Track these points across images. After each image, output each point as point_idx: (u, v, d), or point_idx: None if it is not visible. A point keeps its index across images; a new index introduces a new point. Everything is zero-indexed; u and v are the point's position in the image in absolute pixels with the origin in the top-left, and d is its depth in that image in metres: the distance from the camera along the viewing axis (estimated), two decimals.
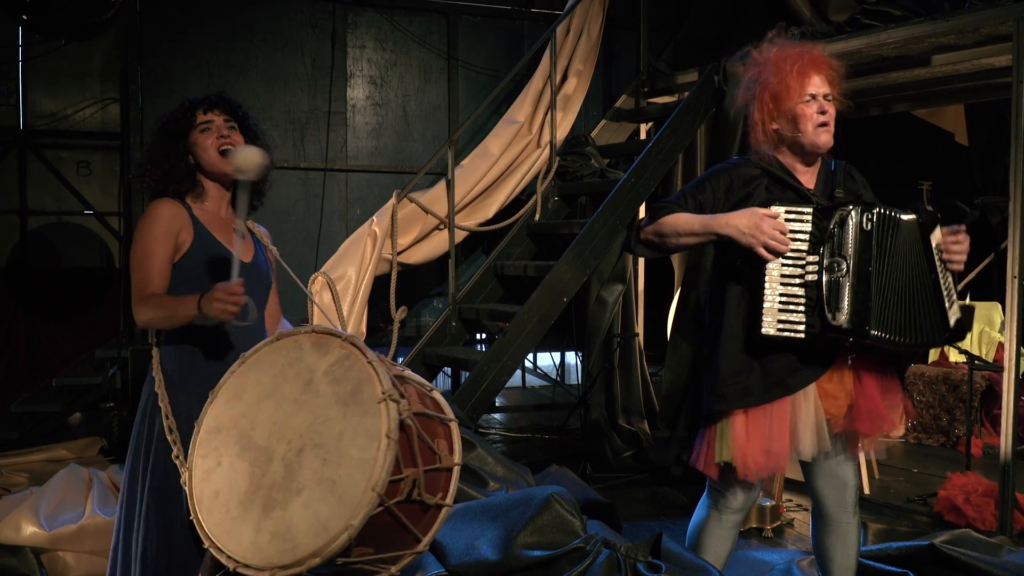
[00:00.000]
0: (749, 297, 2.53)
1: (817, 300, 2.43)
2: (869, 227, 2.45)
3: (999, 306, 6.22)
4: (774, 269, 2.47)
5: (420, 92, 6.37)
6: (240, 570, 1.85)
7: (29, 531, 3.52)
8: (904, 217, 2.50)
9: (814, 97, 2.56)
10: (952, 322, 2.52)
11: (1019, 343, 4.07)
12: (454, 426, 2.08)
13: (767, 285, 2.46)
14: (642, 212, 6.13)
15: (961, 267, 2.53)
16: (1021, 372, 4.14)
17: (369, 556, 1.90)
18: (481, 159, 5.89)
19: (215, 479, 1.97)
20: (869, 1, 4.96)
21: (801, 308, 2.45)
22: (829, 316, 2.42)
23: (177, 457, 2.23)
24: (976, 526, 4.04)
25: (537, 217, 5.99)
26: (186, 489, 2.03)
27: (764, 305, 2.46)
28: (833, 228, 2.45)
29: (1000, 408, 4.15)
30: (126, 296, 5.60)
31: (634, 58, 6.53)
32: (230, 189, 2.49)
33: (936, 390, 5.88)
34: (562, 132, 6.12)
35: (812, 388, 2.55)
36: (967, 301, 6.39)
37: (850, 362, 2.57)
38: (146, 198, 2.60)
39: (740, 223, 2.46)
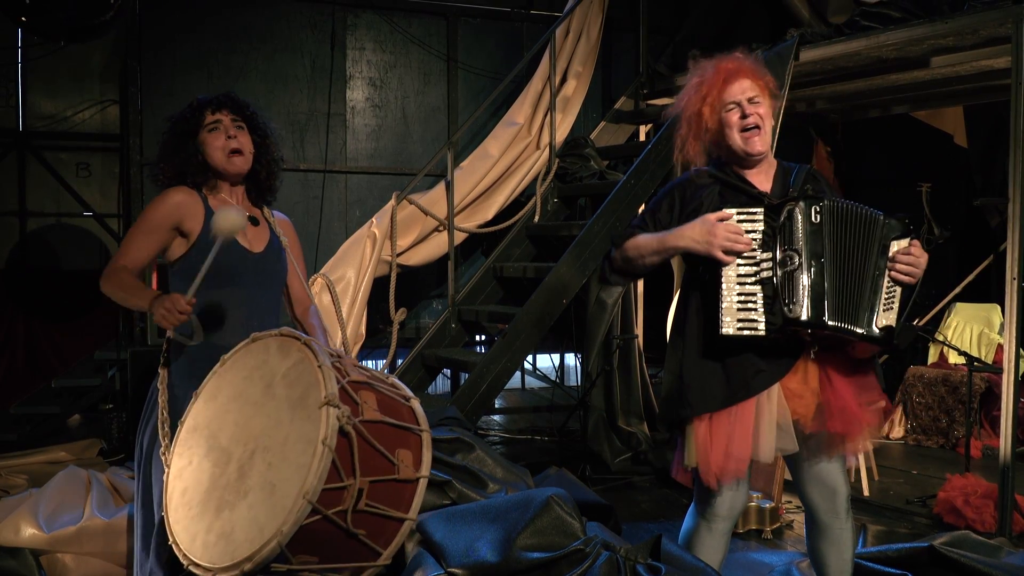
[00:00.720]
0: (708, 301, 2.54)
1: (774, 295, 2.44)
2: (818, 219, 2.46)
3: (998, 308, 6.23)
4: (730, 271, 2.48)
5: (419, 94, 6.37)
6: (191, 568, 1.86)
7: (28, 533, 3.52)
8: (865, 212, 2.50)
9: (736, 104, 2.57)
10: (880, 324, 2.48)
11: (1018, 345, 4.07)
12: (426, 436, 2.04)
13: (724, 287, 2.47)
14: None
15: (909, 280, 2.50)
16: (1020, 374, 4.14)
17: (314, 565, 1.88)
18: (480, 161, 5.89)
19: (185, 477, 1.99)
20: (868, 3, 4.96)
21: (759, 305, 2.45)
22: (786, 310, 2.42)
23: (164, 452, 2.25)
24: (975, 528, 4.03)
25: (536, 219, 5.99)
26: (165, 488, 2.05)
27: (723, 306, 2.47)
28: (783, 222, 2.46)
29: (999, 410, 4.15)
30: None
31: (633, 60, 6.53)
32: (242, 183, 2.53)
33: (935, 392, 5.88)
34: (561, 134, 6.12)
35: (776, 389, 2.54)
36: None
37: (813, 356, 2.55)
38: (146, 201, 2.63)
39: (693, 234, 2.49)
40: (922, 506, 4.52)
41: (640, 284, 6.24)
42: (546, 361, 8.62)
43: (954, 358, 6.12)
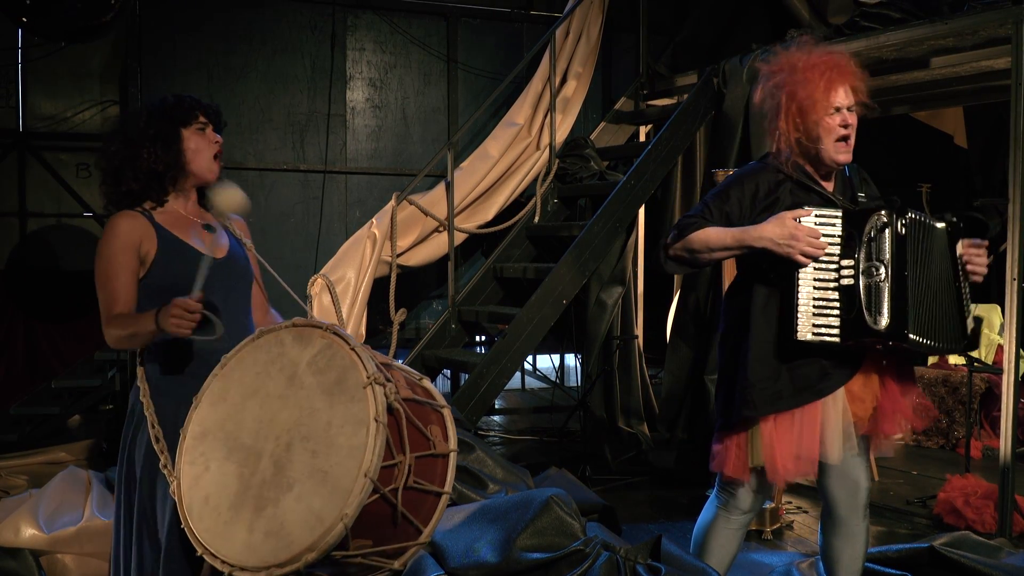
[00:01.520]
0: (781, 302, 2.52)
1: (855, 304, 2.43)
2: (904, 232, 2.46)
3: (998, 308, 6.23)
4: (807, 273, 2.46)
5: (419, 94, 6.37)
6: (235, 574, 1.81)
7: (28, 533, 3.52)
8: (936, 225, 2.52)
9: (839, 110, 2.52)
10: (968, 330, 2.54)
11: (1018, 345, 4.07)
12: (447, 412, 2.04)
13: (800, 290, 2.46)
14: (642, 214, 6.15)
15: (981, 279, 2.55)
16: (1020, 374, 4.14)
17: (368, 549, 1.86)
18: (480, 161, 5.89)
19: (204, 484, 1.94)
20: (868, 4, 4.96)
21: (836, 312, 2.45)
22: (870, 320, 2.42)
23: (165, 466, 2.17)
24: (976, 528, 4.03)
25: (536, 219, 6.00)
26: (174, 497, 1.99)
27: (799, 309, 2.45)
28: (869, 232, 2.45)
29: (999, 410, 4.15)
30: None
31: (633, 60, 6.53)
32: (199, 187, 2.40)
33: (935, 392, 5.88)
34: (561, 134, 6.13)
35: (840, 392, 2.56)
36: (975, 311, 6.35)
37: (885, 364, 2.57)
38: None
39: (774, 234, 2.45)
40: (922, 507, 4.51)
41: (640, 284, 6.24)
42: (546, 362, 8.62)
43: (954, 359, 6.12)
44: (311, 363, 1.92)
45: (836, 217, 2.48)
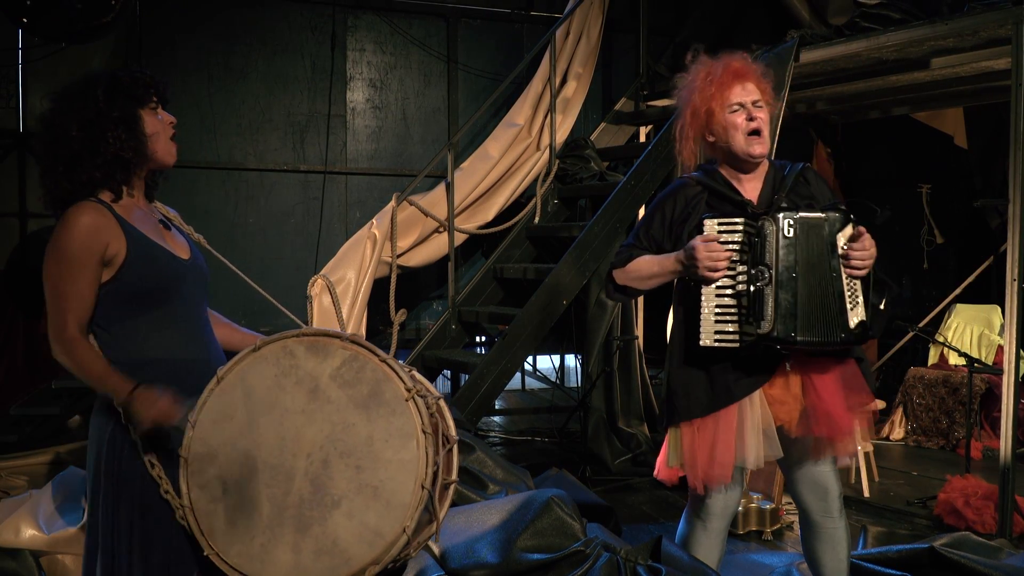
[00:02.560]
0: (690, 312, 2.57)
1: (749, 309, 2.46)
2: (791, 233, 2.47)
3: (998, 309, 6.23)
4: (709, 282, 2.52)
5: (420, 95, 6.38)
6: None
7: (28, 534, 3.52)
8: (815, 216, 2.50)
9: (742, 106, 2.58)
10: (853, 324, 2.49)
11: (1018, 346, 4.07)
12: (442, 402, 2.05)
13: (703, 298, 2.51)
14: (642, 214, 6.14)
15: (862, 272, 2.49)
16: (1020, 375, 4.14)
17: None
18: (481, 162, 5.89)
19: (224, 508, 1.88)
20: (868, 4, 4.96)
21: (734, 318, 2.49)
22: (754, 325, 2.45)
23: (168, 492, 1.98)
24: (976, 529, 4.03)
25: (537, 220, 6.00)
26: (187, 524, 1.92)
27: (701, 317, 2.51)
28: (755, 237, 2.47)
29: (999, 411, 4.15)
30: None
31: (633, 61, 6.54)
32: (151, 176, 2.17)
33: (936, 393, 5.88)
34: (561, 135, 6.13)
35: (758, 395, 2.56)
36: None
37: (789, 367, 2.57)
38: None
39: (680, 257, 2.53)
40: (922, 507, 4.51)
41: None
42: (546, 362, 8.62)
43: (954, 359, 6.12)
44: (335, 375, 1.88)
45: (738, 223, 2.50)
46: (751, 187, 2.66)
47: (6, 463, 4.94)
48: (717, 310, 2.50)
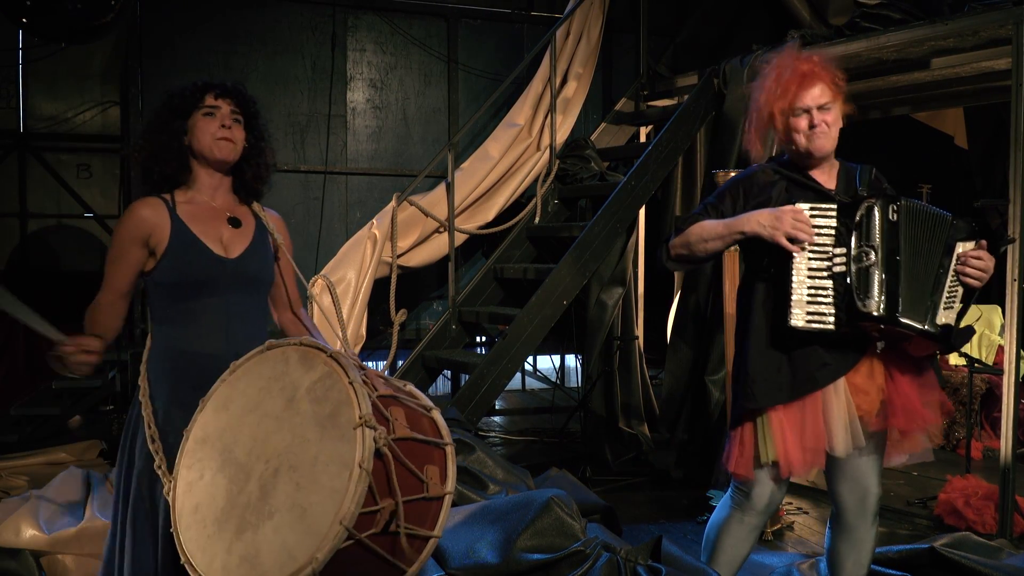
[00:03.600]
0: (776, 293, 2.55)
1: (846, 290, 2.45)
2: (895, 218, 2.49)
3: (999, 309, 6.22)
4: (801, 263, 2.50)
5: (420, 95, 6.38)
6: None
7: (29, 534, 3.52)
8: (935, 213, 2.53)
9: (806, 111, 2.60)
10: (941, 322, 2.51)
11: (1019, 346, 4.07)
12: (450, 451, 1.95)
13: (794, 279, 2.49)
14: (642, 215, 6.15)
15: (976, 284, 2.54)
16: (1021, 375, 4.14)
17: None
18: (481, 162, 5.89)
19: (196, 492, 1.91)
20: (869, 4, 4.96)
21: (829, 299, 2.48)
22: (859, 304, 2.44)
23: (160, 467, 2.11)
24: (976, 529, 4.03)
25: (537, 220, 6.00)
26: (169, 499, 1.97)
27: (792, 298, 2.49)
28: (860, 219, 2.48)
29: (1000, 411, 4.15)
30: None
31: (634, 61, 6.54)
32: (228, 175, 2.35)
33: None
34: (562, 135, 6.13)
35: (842, 383, 2.56)
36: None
37: (879, 350, 2.56)
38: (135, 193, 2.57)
39: (762, 219, 2.51)
40: (923, 508, 4.51)
41: (640, 285, 6.24)
42: (546, 362, 8.62)
43: (955, 359, 6.12)
44: (310, 389, 1.86)
45: (831, 209, 2.51)
46: (825, 182, 2.67)
47: (6, 463, 4.95)
48: (810, 291, 2.49)
